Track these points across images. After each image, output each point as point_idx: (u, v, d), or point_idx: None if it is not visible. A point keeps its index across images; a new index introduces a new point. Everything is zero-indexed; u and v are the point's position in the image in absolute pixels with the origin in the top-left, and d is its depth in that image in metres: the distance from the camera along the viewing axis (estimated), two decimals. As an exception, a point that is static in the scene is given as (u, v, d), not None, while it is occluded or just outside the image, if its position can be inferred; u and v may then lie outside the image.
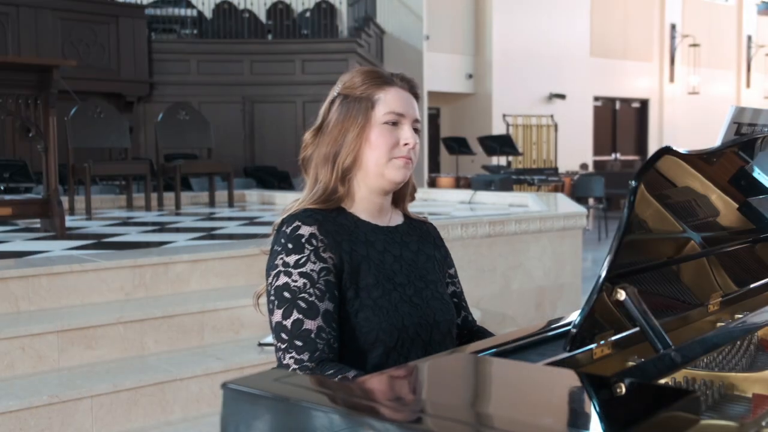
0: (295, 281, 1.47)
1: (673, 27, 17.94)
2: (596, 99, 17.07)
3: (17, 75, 4.63)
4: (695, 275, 1.54)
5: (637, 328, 1.26)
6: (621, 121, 18.00)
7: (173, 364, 3.13)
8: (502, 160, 13.08)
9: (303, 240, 1.50)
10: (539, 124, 15.43)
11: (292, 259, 1.49)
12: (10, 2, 9.29)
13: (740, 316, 1.56)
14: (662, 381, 1.18)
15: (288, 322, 1.46)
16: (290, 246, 1.50)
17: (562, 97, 15.77)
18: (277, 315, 1.48)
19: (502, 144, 12.19)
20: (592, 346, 1.24)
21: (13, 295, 3.23)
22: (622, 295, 1.25)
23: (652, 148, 17.33)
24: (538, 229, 5.08)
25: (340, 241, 1.53)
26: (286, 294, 1.47)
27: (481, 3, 15.01)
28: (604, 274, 1.19)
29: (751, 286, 1.69)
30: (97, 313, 3.24)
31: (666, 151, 1.26)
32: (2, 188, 6.69)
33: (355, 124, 1.57)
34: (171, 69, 10.68)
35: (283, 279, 1.49)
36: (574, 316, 1.27)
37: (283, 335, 1.46)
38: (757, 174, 1.62)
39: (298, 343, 1.45)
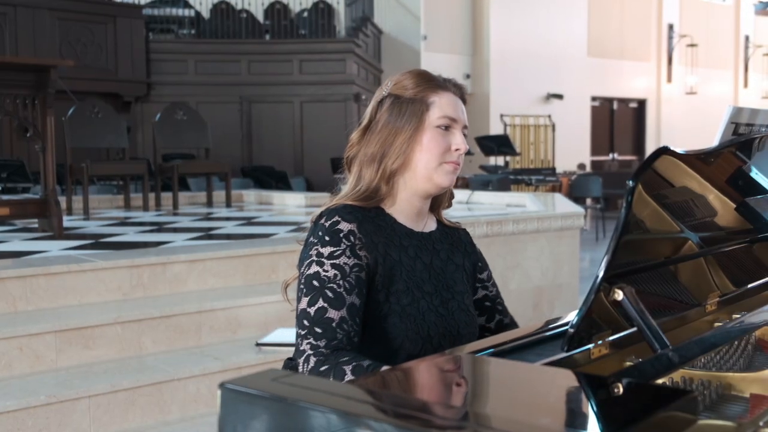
0: (326, 271, 1.48)
1: (671, 27, 17.94)
2: (594, 99, 17.07)
3: (15, 75, 4.62)
4: (693, 275, 1.54)
5: (635, 328, 1.26)
6: (618, 121, 17.99)
7: (171, 364, 3.13)
8: (500, 160, 13.07)
9: (341, 235, 1.50)
10: (537, 124, 15.43)
11: (326, 250, 1.49)
12: (8, 2, 9.28)
13: (738, 316, 1.56)
14: (660, 381, 1.18)
15: (312, 309, 1.46)
16: (327, 238, 1.50)
17: (559, 97, 15.77)
18: (303, 302, 1.48)
19: (499, 144, 12.19)
20: (590, 346, 1.24)
21: (10, 295, 3.23)
22: (619, 295, 1.25)
23: (650, 148, 17.32)
24: (535, 229, 5.08)
25: (377, 242, 1.53)
26: (315, 282, 1.48)
27: (478, 3, 15.01)
28: (601, 274, 1.19)
29: (749, 286, 1.69)
30: (95, 313, 3.24)
31: (663, 151, 1.27)
32: (0, 188, 6.68)
33: (407, 126, 1.56)
34: (168, 69, 10.67)
35: (314, 268, 1.49)
36: (572, 316, 1.27)
37: (305, 321, 1.46)
38: (755, 174, 1.62)
39: (318, 330, 1.44)
